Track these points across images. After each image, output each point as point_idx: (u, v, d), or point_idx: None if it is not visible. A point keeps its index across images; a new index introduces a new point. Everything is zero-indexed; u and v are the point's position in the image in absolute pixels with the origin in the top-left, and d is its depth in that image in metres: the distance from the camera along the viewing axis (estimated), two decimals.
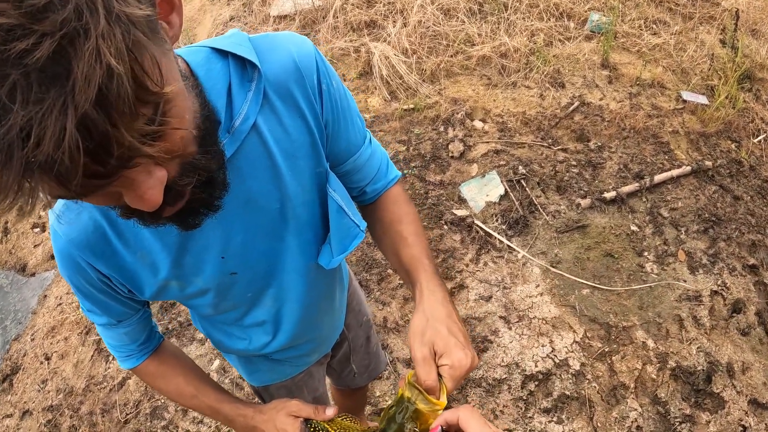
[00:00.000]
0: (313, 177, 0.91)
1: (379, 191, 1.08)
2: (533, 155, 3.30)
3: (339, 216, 0.96)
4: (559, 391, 2.47)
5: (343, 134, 0.94)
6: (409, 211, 1.07)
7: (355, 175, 1.03)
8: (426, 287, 0.91)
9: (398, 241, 1.02)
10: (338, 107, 0.91)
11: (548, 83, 3.66)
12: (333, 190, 0.94)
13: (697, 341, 2.67)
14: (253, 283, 0.98)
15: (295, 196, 0.90)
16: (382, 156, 1.08)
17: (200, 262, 0.89)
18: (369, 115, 3.68)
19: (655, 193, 3.18)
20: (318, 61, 0.86)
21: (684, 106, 3.71)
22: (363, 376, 1.70)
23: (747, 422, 2.45)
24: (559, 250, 2.92)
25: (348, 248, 1.01)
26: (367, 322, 1.60)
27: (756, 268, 3.02)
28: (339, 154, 0.97)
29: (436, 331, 0.83)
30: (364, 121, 1.03)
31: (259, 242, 0.92)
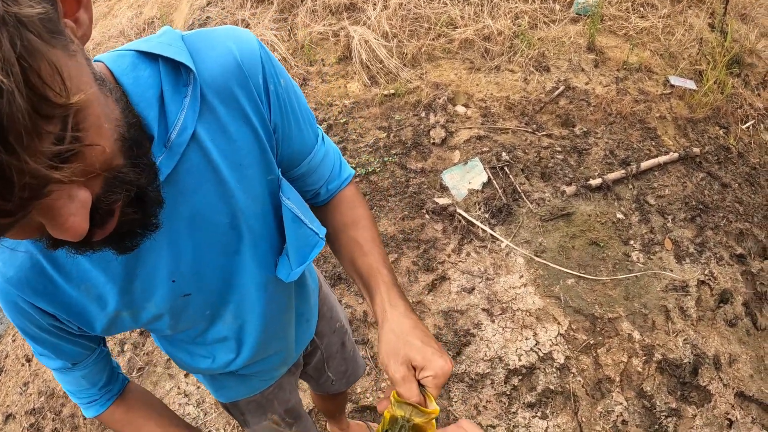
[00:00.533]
0: (263, 186, 0.86)
1: (332, 192, 1.04)
2: (517, 141, 3.24)
3: (295, 225, 0.92)
4: (543, 386, 2.44)
5: (294, 136, 0.90)
6: (363, 213, 1.03)
7: (309, 178, 0.99)
8: (387, 301, 0.88)
9: (353, 247, 0.98)
10: (287, 108, 0.86)
11: (533, 67, 3.60)
12: (287, 198, 0.90)
13: (683, 333, 2.65)
14: (210, 302, 0.94)
15: (246, 208, 0.84)
16: (335, 154, 1.03)
17: (149, 287, 0.83)
18: (348, 101, 3.60)
19: (642, 180, 3.15)
20: (263, 58, 0.80)
21: (672, 91, 3.69)
22: (341, 381, 1.67)
23: (734, 416, 2.44)
24: (543, 239, 2.87)
25: (307, 258, 0.96)
26: (341, 328, 1.55)
27: (743, 257, 3.01)
28: (291, 157, 0.93)
29: (410, 345, 0.81)
30: (314, 118, 0.98)
31: (212, 260, 0.87)
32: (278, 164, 0.89)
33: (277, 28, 4.10)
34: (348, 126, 3.46)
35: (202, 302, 0.92)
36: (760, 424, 2.46)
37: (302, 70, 3.87)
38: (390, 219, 2.97)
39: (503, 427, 2.33)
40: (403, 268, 2.78)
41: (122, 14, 4.97)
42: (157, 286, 0.83)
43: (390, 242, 2.87)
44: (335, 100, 3.63)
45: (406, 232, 2.90)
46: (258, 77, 0.79)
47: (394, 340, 0.82)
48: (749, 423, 2.45)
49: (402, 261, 2.81)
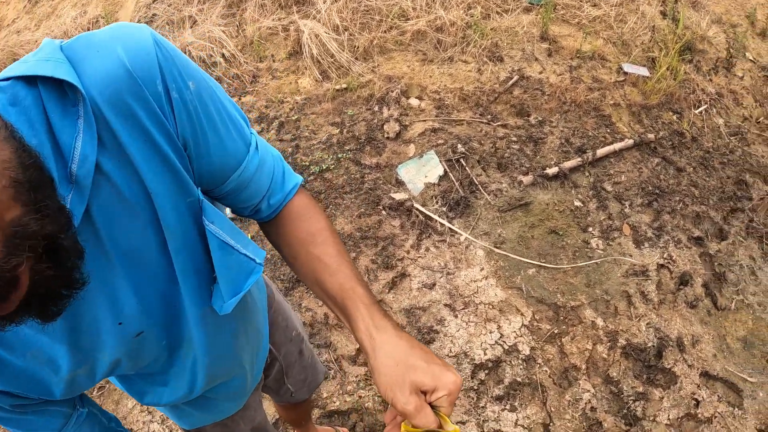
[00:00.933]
0: (182, 212, 0.76)
1: (277, 206, 0.93)
2: (472, 132, 3.24)
3: (223, 253, 0.81)
4: (510, 378, 2.43)
5: (214, 149, 0.78)
6: (320, 225, 0.93)
7: (242, 194, 0.88)
8: (371, 325, 0.79)
9: (317, 267, 0.88)
10: (200, 116, 0.74)
11: (486, 57, 3.61)
12: (210, 223, 0.79)
13: (645, 317, 2.68)
14: (165, 333, 0.87)
15: (169, 239, 0.76)
16: (275, 163, 0.92)
17: (97, 338, 0.76)
18: (300, 97, 3.54)
19: (598, 168, 3.18)
20: (161, 59, 0.68)
21: (625, 79, 3.74)
22: (302, 390, 1.63)
23: (700, 395, 2.48)
24: (502, 230, 2.87)
25: (242, 288, 0.86)
26: (297, 336, 1.51)
27: (701, 239, 3.07)
28: (214, 173, 0.81)
29: (414, 369, 0.74)
30: (247, 122, 0.88)
31: (155, 293, 0.80)
32: (198, 183, 0.79)
33: (225, 24, 4.01)
34: (300, 123, 3.40)
35: (156, 336, 0.85)
36: (726, 401, 2.51)
37: (252, 66, 3.79)
38: (346, 217, 2.92)
39: (473, 423, 2.30)
40: (362, 266, 2.74)
41: (66, 14, 4.78)
42: (104, 333, 0.77)
43: (347, 241, 2.82)
44: (286, 97, 3.56)
45: (363, 230, 2.85)
46: (155, 84, 0.68)
47: (395, 369, 0.74)
48: (715, 401, 2.49)
49: (360, 259, 2.76)
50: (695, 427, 2.40)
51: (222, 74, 3.73)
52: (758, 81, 4.31)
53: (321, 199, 3.00)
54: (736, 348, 2.71)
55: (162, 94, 0.69)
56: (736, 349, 2.71)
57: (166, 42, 0.72)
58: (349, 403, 2.36)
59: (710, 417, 2.44)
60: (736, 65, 4.30)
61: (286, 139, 3.32)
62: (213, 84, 0.79)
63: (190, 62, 0.76)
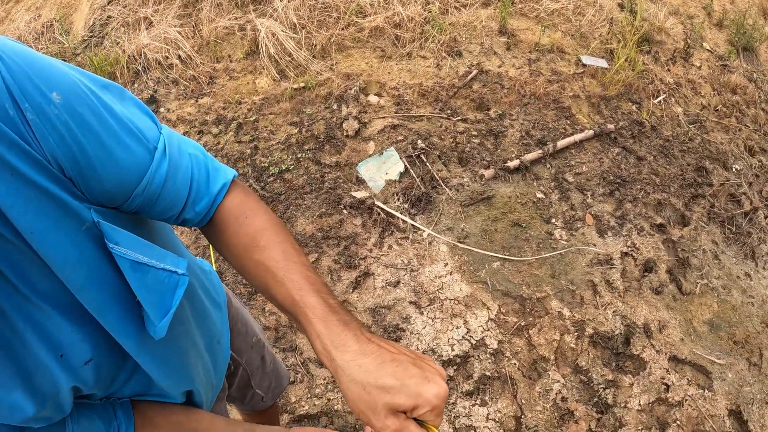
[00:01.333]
0: (80, 242, 0.67)
1: (205, 212, 0.85)
2: (432, 128, 3.24)
3: (139, 274, 0.73)
4: (479, 373, 2.42)
5: (101, 165, 0.68)
6: (261, 225, 0.84)
7: (155, 207, 0.78)
8: (329, 344, 0.71)
9: (264, 275, 0.80)
10: (74, 131, 0.64)
11: (445, 52, 3.63)
12: (115, 245, 0.70)
13: (612, 305, 2.71)
14: (117, 355, 0.80)
15: (66, 277, 0.67)
16: (193, 164, 0.82)
17: (49, 374, 0.71)
18: (258, 98, 3.50)
19: (559, 159, 3.22)
20: (5, 76, 0.59)
21: (584, 71, 3.80)
22: (267, 396, 1.60)
23: (669, 380, 2.51)
24: (465, 225, 2.87)
25: (171, 305, 0.78)
26: (257, 342, 1.47)
27: (663, 226, 3.12)
28: (111, 192, 0.71)
29: (386, 391, 0.67)
30: (155, 122, 0.79)
31: (87, 322, 0.73)
32: (96, 203, 0.70)
33: (181, 24, 3.95)
34: (258, 124, 3.36)
35: (108, 360, 0.79)
36: (696, 384, 2.55)
37: (208, 67, 3.74)
38: (307, 217, 2.89)
39: (444, 420, 2.29)
40: (324, 267, 2.71)
41: (20, 18, 4.67)
42: (53, 369, 0.71)
43: (309, 242, 2.79)
44: (244, 98, 3.52)
45: (325, 230, 2.83)
46: (5, 109, 0.58)
47: (363, 394, 0.67)
48: (685, 384, 2.52)
49: (323, 260, 2.73)
50: (666, 411, 2.43)
51: (179, 76, 3.67)
52: (716, 70, 4.42)
53: (281, 200, 2.97)
54: (702, 331, 2.76)
55: (16, 117, 0.59)
56: (703, 332, 2.76)
57: (19, 50, 0.62)
58: (318, 406, 2.33)
59: (681, 400, 2.47)
60: (693, 55, 4.41)
61: (244, 141, 3.28)
62: (95, 86, 0.71)
63: (56, 69, 0.66)
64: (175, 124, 3.43)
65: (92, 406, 0.83)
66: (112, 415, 0.85)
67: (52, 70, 0.64)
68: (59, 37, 4.07)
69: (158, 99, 3.58)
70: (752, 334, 2.83)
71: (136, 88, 3.66)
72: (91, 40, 4.06)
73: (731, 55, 4.57)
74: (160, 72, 3.71)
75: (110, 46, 3.86)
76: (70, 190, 0.66)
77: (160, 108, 3.53)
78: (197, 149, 0.85)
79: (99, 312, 0.72)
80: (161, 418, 0.90)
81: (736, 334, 2.79)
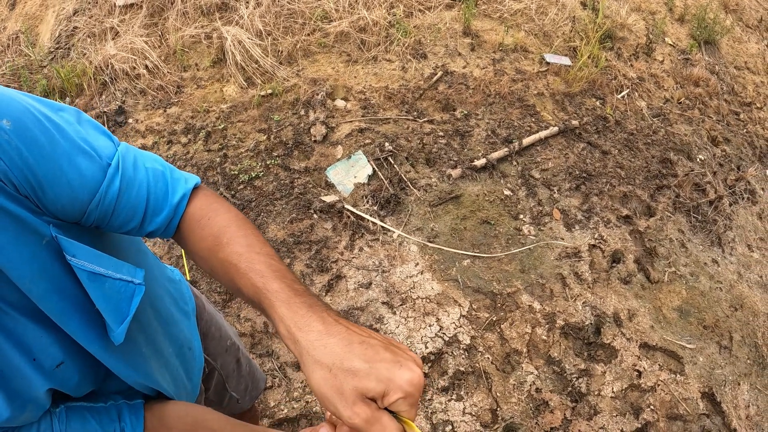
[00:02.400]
0: (41, 256, 0.72)
1: (167, 223, 0.87)
2: (399, 130, 3.33)
3: (96, 284, 0.77)
4: (453, 368, 2.50)
5: (55, 184, 0.72)
6: (223, 223, 0.85)
7: (114, 220, 0.81)
8: (293, 325, 0.68)
9: (230, 272, 0.80)
10: (24, 155, 0.68)
11: (410, 55, 3.72)
12: (72, 257, 0.74)
13: (581, 296, 2.80)
14: (86, 358, 0.84)
15: (27, 289, 0.71)
16: (151, 177, 0.85)
17: (23, 378, 0.75)
18: (226, 105, 3.55)
19: (525, 156, 3.32)
20: None
21: (548, 69, 3.92)
22: (244, 399, 1.63)
23: (641, 366, 2.61)
24: (434, 224, 2.96)
25: (128, 313, 0.81)
26: (232, 346, 1.51)
27: (630, 218, 3.24)
28: (65, 208, 0.75)
29: (354, 374, 0.62)
30: (109, 137, 0.82)
31: (56, 327, 0.78)
32: (55, 217, 0.74)
33: (147, 34, 3.99)
34: (227, 131, 3.41)
35: (80, 362, 0.83)
36: (667, 369, 2.65)
37: (176, 77, 3.78)
38: (278, 223, 2.95)
39: (421, 415, 2.36)
40: (297, 272, 2.77)
41: None
42: (27, 372, 0.76)
43: (281, 247, 2.85)
44: (212, 106, 3.57)
45: (296, 235, 2.89)
46: None
47: (329, 377, 0.63)
48: (657, 370, 2.63)
49: (295, 265, 2.79)
50: (640, 397, 2.53)
51: (146, 86, 3.70)
52: (678, 64, 4.59)
53: (252, 207, 3.02)
54: (672, 318, 2.87)
55: None
56: (673, 318, 2.87)
57: None
58: (297, 409, 2.38)
59: (653, 385, 2.57)
60: (656, 50, 4.56)
61: (213, 149, 3.33)
62: (47, 109, 0.74)
63: (6, 97, 0.69)
64: (144, 134, 3.46)
65: (90, 408, 0.85)
66: (115, 417, 0.86)
67: (2, 98, 0.68)
68: (25, 49, 4.06)
69: (126, 110, 3.61)
70: (721, 318, 2.95)
71: (103, 99, 3.68)
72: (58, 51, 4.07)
73: (693, 48, 4.74)
74: (128, 82, 3.74)
75: (77, 57, 3.88)
76: (28, 207, 0.70)
77: (129, 119, 3.56)
78: (156, 161, 0.88)
79: (61, 320, 0.75)
80: (176, 419, 0.90)
81: (705, 318, 2.91)
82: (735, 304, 3.05)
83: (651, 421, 2.48)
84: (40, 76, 3.80)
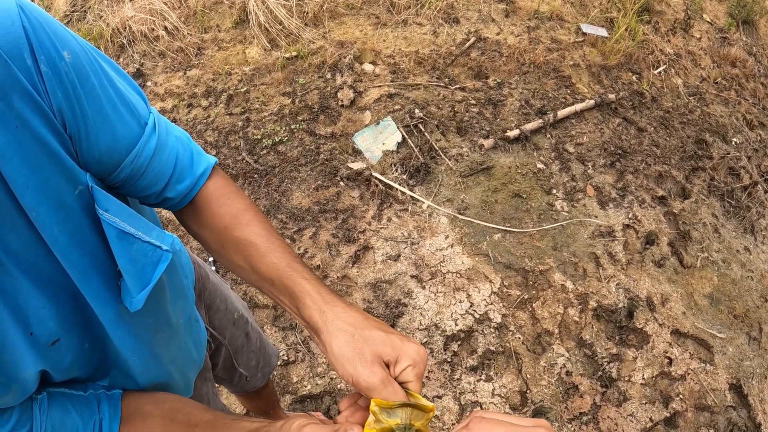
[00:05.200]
0: (69, 205, 0.68)
1: (187, 192, 0.87)
2: (429, 97, 3.18)
3: (124, 243, 0.73)
4: (483, 348, 2.40)
5: (98, 130, 0.70)
6: (243, 205, 0.88)
7: (141, 180, 0.80)
8: (320, 299, 0.76)
9: (247, 250, 0.83)
10: (79, 92, 0.66)
11: (441, 19, 3.55)
12: (105, 211, 0.70)
13: (614, 278, 2.69)
14: (85, 337, 0.79)
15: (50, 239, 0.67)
16: (179, 144, 0.86)
17: (13, 354, 0.68)
18: (248, 68, 3.41)
19: (559, 129, 3.18)
20: (27, 26, 0.60)
21: (584, 39, 3.75)
22: (256, 376, 1.57)
23: (672, 354, 2.51)
24: (465, 196, 2.83)
25: (151, 279, 0.78)
26: (240, 319, 1.44)
27: (665, 198, 3.10)
28: (103, 159, 0.72)
29: (372, 339, 0.71)
30: (145, 99, 0.81)
31: (61, 296, 0.72)
32: (86, 170, 0.71)
33: None
34: (250, 95, 3.27)
35: (75, 342, 0.77)
36: (697, 358, 2.55)
37: (196, 38, 3.63)
38: (303, 191, 2.83)
39: (449, 396, 2.27)
40: (322, 241, 2.65)
41: None
42: (19, 348, 0.69)
43: (306, 216, 2.73)
44: (234, 68, 3.42)
45: (322, 203, 2.77)
46: (23, 58, 0.59)
47: (351, 341, 0.71)
48: (687, 359, 2.53)
49: (321, 234, 2.68)
50: (670, 385, 2.43)
51: (165, 48, 3.56)
52: (715, 42, 4.40)
53: (275, 173, 2.90)
54: (703, 305, 2.76)
55: (32, 67, 0.61)
56: (704, 305, 2.76)
57: (36, 8, 0.63)
58: (321, 386, 2.28)
59: (683, 374, 2.47)
60: (693, 27, 4.38)
61: (235, 113, 3.19)
62: (98, 57, 0.72)
63: (68, 32, 0.68)
64: (164, 97, 3.33)
65: (71, 397, 0.81)
66: (95, 408, 0.83)
67: (65, 32, 0.66)
68: None
69: (145, 73, 3.48)
70: (752, 308, 2.84)
71: (121, 63, 3.55)
72: (74, 15, 3.93)
73: (731, 27, 4.55)
74: (146, 45, 3.60)
75: (93, 20, 3.74)
76: (69, 149, 0.67)
77: (147, 82, 3.43)
78: (183, 134, 0.89)
79: (83, 277, 0.72)
80: (153, 405, 0.88)
81: (736, 308, 2.80)
82: (766, 295, 2.94)
83: (680, 411, 2.38)
84: None
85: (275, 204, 2.78)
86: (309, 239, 2.65)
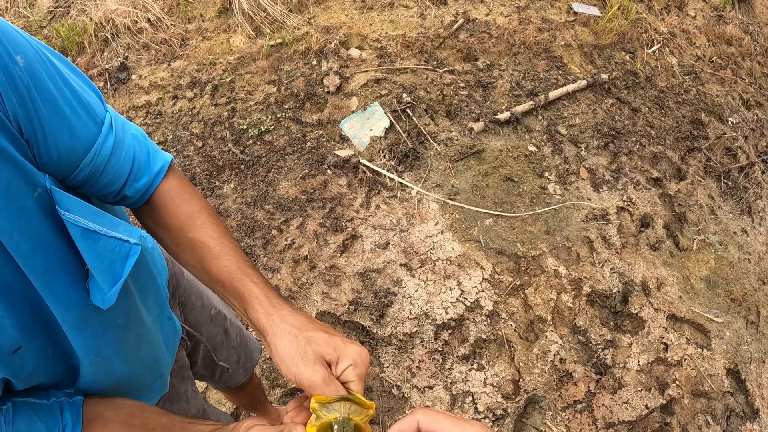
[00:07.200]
0: (29, 209, 0.67)
1: (144, 190, 0.88)
2: (417, 80, 3.10)
3: (89, 241, 0.72)
4: (474, 336, 2.34)
5: (56, 132, 0.70)
6: (198, 206, 0.89)
7: (99, 180, 0.80)
8: (267, 303, 0.79)
9: (200, 252, 0.85)
10: (34, 95, 0.66)
11: (429, 1, 3.46)
12: (66, 211, 0.70)
13: (609, 262, 2.62)
14: (48, 343, 0.78)
15: (10, 244, 0.65)
16: (135, 142, 0.86)
17: None
18: (233, 57, 3.32)
19: (551, 110, 3.10)
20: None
21: (575, 18, 3.65)
22: (238, 372, 1.56)
23: (668, 339, 2.44)
24: (455, 181, 2.75)
25: (122, 274, 0.77)
26: (218, 315, 1.43)
27: (660, 180, 3.02)
28: (61, 160, 0.72)
29: (315, 340, 0.74)
30: (101, 98, 0.81)
31: (20, 303, 0.71)
32: (44, 171, 0.70)
33: None
34: (235, 84, 3.19)
35: (37, 349, 0.76)
36: (694, 343, 2.48)
37: (180, 29, 3.54)
38: (290, 180, 2.75)
39: (441, 386, 2.21)
40: (309, 231, 2.58)
41: None
42: None
43: (293, 205, 2.66)
44: (218, 58, 3.34)
45: (309, 192, 2.69)
46: None
47: (295, 341, 0.74)
48: (684, 344, 2.46)
49: (308, 224, 2.61)
50: (666, 371, 2.37)
51: (149, 40, 3.47)
52: (711, 21, 4.30)
53: (262, 163, 2.82)
54: (700, 288, 2.69)
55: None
56: (701, 289, 2.69)
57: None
58: None
59: (680, 360, 2.41)
60: (688, 4, 4.27)
61: (221, 103, 3.11)
62: (53, 57, 0.73)
63: (20, 34, 0.68)
64: (148, 90, 3.25)
65: (35, 406, 0.80)
66: (59, 417, 0.82)
67: (16, 35, 0.66)
68: (23, 11, 3.84)
69: (129, 66, 3.39)
70: (749, 291, 2.77)
71: (105, 57, 3.46)
72: (57, 10, 3.84)
73: (726, 5, 4.45)
74: (130, 37, 3.51)
75: (77, 15, 3.65)
76: (26, 153, 0.66)
77: (132, 75, 3.35)
78: (139, 131, 0.89)
79: (45, 281, 0.70)
80: (112, 411, 0.88)
81: (733, 291, 2.73)
82: (763, 277, 2.87)
83: (676, 398, 2.32)
84: (39, 37, 3.58)
85: (262, 194, 2.71)
86: (296, 229, 2.58)
